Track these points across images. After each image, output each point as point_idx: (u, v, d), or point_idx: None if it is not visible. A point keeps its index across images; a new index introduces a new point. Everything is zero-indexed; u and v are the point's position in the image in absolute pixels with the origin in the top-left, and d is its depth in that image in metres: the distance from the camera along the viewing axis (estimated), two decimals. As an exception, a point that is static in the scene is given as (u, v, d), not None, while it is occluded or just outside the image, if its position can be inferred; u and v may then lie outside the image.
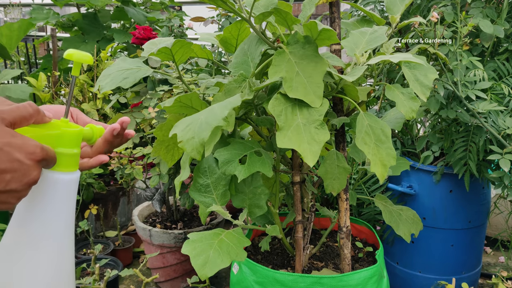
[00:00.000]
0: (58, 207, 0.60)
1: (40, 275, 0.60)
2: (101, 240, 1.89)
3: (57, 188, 0.60)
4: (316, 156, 0.81)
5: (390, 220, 1.19)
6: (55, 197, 0.60)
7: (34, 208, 0.59)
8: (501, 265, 1.96)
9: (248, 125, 1.19)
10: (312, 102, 0.85)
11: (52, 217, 0.60)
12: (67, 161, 0.60)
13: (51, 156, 0.56)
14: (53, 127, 0.59)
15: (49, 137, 0.58)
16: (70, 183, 0.61)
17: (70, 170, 0.61)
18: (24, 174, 0.53)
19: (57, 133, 0.59)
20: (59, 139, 0.59)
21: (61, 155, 0.59)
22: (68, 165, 0.60)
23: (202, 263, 0.85)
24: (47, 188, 0.59)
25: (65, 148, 0.59)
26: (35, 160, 0.53)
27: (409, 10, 1.54)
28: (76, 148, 0.61)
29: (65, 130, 0.60)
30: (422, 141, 1.52)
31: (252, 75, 0.98)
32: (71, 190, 0.62)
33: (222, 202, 1.02)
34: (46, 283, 0.60)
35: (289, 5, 1.00)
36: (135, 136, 1.62)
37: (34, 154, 0.53)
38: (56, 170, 0.59)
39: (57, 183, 0.60)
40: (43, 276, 0.60)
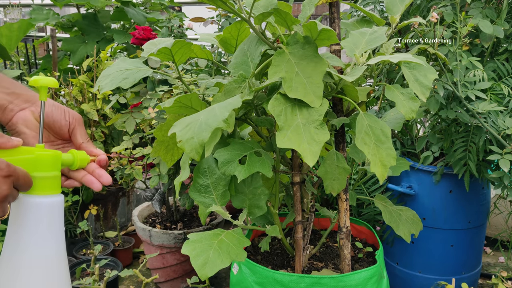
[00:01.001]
0: (42, 232, 0.59)
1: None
2: (101, 241, 1.89)
3: (38, 213, 0.58)
4: (316, 156, 0.81)
5: (390, 220, 1.19)
6: (38, 221, 0.58)
7: (19, 233, 0.58)
8: (501, 265, 1.96)
9: (248, 126, 1.19)
10: (312, 102, 0.85)
11: (37, 243, 0.58)
12: (45, 184, 0.59)
13: (21, 175, 0.55)
14: (27, 152, 0.58)
15: (23, 161, 0.57)
16: (51, 206, 0.60)
17: (50, 193, 0.60)
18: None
19: (31, 157, 0.58)
20: (34, 163, 0.58)
21: (38, 179, 0.58)
22: (47, 188, 0.59)
23: (202, 263, 0.85)
24: (28, 212, 0.58)
25: (42, 172, 0.59)
26: (1, 176, 0.52)
27: (408, 10, 1.54)
28: (55, 171, 0.60)
29: (40, 154, 0.59)
30: (421, 141, 1.52)
31: (252, 76, 0.98)
32: (54, 214, 0.60)
33: (222, 203, 1.02)
34: None
35: (288, 5, 1.00)
36: (134, 136, 1.62)
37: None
38: (35, 194, 0.58)
39: (38, 207, 0.58)
40: None
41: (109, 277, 1.32)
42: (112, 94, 1.75)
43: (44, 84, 0.62)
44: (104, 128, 2.00)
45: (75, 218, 1.92)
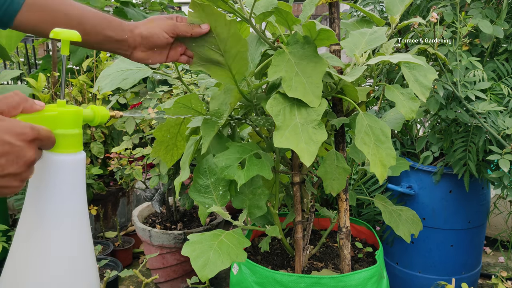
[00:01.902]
0: (65, 189, 0.60)
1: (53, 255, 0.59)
2: (100, 241, 1.89)
3: (61, 170, 0.59)
4: (313, 156, 0.81)
5: (390, 220, 1.19)
6: (61, 178, 0.59)
7: (42, 190, 0.59)
8: (501, 265, 1.96)
9: (247, 126, 1.19)
10: (311, 102, 0.85)
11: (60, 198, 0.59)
12: (68, 141, 0.59)
13: (45, 135, 0.55)
14: (48, 109, 0.58)
15: (46, 119, 0.58)
16: (74, 164, 0.60)
17: (73, 150, 0.60)
18: (18, 156, 0.52)
19: (53, 114, 0.58)
20: (56, 120, 0.58)
21: (61, 136, 0.58)
22: (70, 146, 0.59)
23: (202, 264, 0.85)
24: (52, 170, 0.59)
25: (65, 129, 0.59)
26: (26, 141, 0.53)
27: (408, 10, 1.54)
28: (77, 128, 0.60)
29: (62, 111, 0.59)
30: (421, 141, 1.52)
31: (252, 74, 0.98)
32: (77, 171, 0.61)
33: (222, 203, 1.02)
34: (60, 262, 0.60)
35: (289, 5, 1.00)
36: (134, 136, 1.62)
37: (24, 134, 0.52)
38: (57, 151, 0.59)
39: (61, 164, 0.59)
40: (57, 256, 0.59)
41: (109, 277, 1.32)
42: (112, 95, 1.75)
43: (66, 37, 0.61)
44: (104, 128, 2.00)
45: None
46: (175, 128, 1.12)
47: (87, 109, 0.65)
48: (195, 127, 1.02)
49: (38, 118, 0.57)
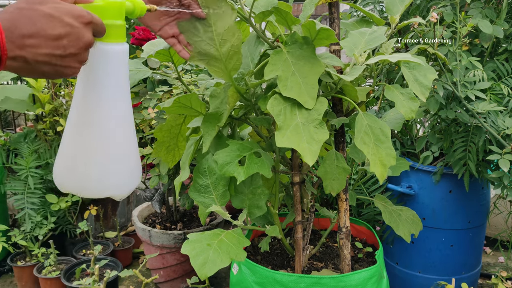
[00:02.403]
0: (113, 76, 0.65)
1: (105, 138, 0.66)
2: (100, 241, 1.89)
3: (109, 58, 0.64)
4: (315, 155, 0.81)
5: (390, 220, 1.19)
6: (109, 66, 0.64)
7: (92, 78, 0.64)
8: (501, 265, 1.96)
9: (247, 126, 1.19)
10: (305, 103, 0.85)
11: (109, 84, 0.65)
12: (115, 32, 0.64)
13: (98, 21, 0.59)
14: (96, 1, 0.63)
15: (94, 8, 0.62)
16: (120, 53, 0.65)
17: (119, 41, 0.65)
18: (78, 37, 0.56)
19: (101, 5, 0.62)
20: (104, 11, 0.62)
21: (109, 27, 0.62)
22: (116, 36, 0.64)
23: (201, 263, 0.85)
24: (101, 58, 0.64)
25: (111, 19, 0.63)
26: (84, 23, 0.56)
27: (408, 10, 1.55)
28: (121, 20, 0.65)
29: (108, 2, 0.63)
30: (421, 141, 1.52)
31: (251, 74, 0.98)
32: (123, 60, 0.66)
33: (221, 203, 1.02)
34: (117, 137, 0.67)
35: (289, 5, 1.00)
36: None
37: (82, 17, 0.56)
38: (106, 41, 0.63)
39: (109, 53, 0.64)
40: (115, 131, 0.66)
41: (109, 277, 1.32)
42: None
43: None
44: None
45: (75, 219, 1.92)
46: (176, 128, 1.12)
47: (127, 1, 0.68)
48: (195, 127, 1.02)
49: (87, 7, 0.61)
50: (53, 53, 0.54)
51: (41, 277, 1.63)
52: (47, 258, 1.74)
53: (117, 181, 0.68)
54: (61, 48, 0.54)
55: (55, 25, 0.53)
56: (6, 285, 1.83)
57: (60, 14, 0.54)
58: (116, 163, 0.67)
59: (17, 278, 1.74)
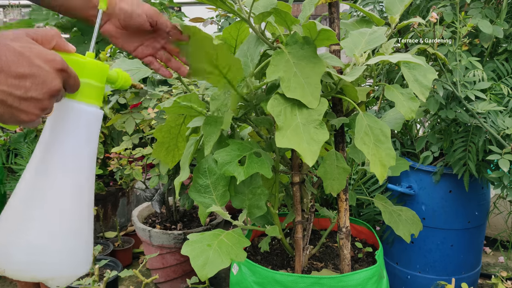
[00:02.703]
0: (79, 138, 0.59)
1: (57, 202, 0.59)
2: (100, 241, 1.89)
3: (79, 118, 0.59)
4: (315, 155, 0.81)
5: (390, 220, 1.19)
6: (77, 127, 0.59)
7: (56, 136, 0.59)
8: (501, 265, 1.96)
9: (247, 126, 1.19)
10: (309, 103, 0.85)
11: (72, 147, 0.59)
12: (91, 92, 0.59)
13: (72, 73, 0.55)
14: (78, 55, 0.59)
15: (74, 63, 0.57)
16: (93, 116, 0.60)
17: (94, 103, 0.60)
18: (44, 81, 0.51)
19: (82, 61, 0.58)
20: (84, 68, 0.58)
21: (86, 85, 0.58)
22: (92, 97, 0.59)
23: (202, 264, 0.85)
24: (70, 116, 0.59)
25: (90, 79, 0.58)
26: (55, 68, 0.52)
27: (408, 10, 1.55)
28: (101, 83, 0.60)
29: (92, 61, 0.59)
30: (421, 141, 1.52)
31: (251, 75, 0.98)
32: (93, 125, 0.61)
33: (221, 203, 1.02)
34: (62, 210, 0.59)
35: (288, 5, 1.00)
36: (134, 137, 1.62)
37: (54, 61, 0.52)
38: (79, 99, 0.58)
39: (80, 113, 0.59)
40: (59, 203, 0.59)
41: (108, 277, 1.32)
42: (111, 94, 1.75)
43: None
44: (103, 128, 2.00)
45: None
46: (175, 128, 1.12)
47: (112, 70, 0.65)
48: (195, 127, 1.02)
49: (67, 59, 0.57)
50: (11, 92, 0.49)
51: (41, 277, 1.62)
52: (47, 258, 1.73)
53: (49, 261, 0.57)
54: (22, 88, 0.50)
55: (21, 63, 0.49)
56: (6, 285, 1.83)
57: (30, 54, 0.50)
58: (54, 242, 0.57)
59: (17, 278, 1.74)
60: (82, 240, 0.61)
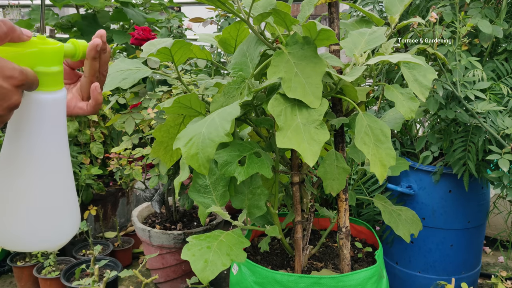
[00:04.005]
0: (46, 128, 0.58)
1: (32, 198, 0.58)
2: (100, 241, 1.89)
3: (42, 109, 0.57)
4: (316, 156, 0.81)
5: (390, 220, 1.19)
6: (42, 118, 0.57)
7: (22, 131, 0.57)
8: (501, 265, 1.96)
9: (247, 126, 1.19)
10: (311, 103, 0.85)
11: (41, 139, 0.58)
12: (49, 80, 0.57)
13: (31, 79, 0.53)
14: (29, 45, 0.56)
15: (27, 56, 0.55)
16: (55, 102, 0.58)
17: (54, 89, 0.58)
18: (3, 98, 0.50)
19: (34, 51, 0.55)
20: (37, 57, 0.56)
21: (42, 74, 0.56)
22: (51, 84, 0.57)
23: (202, 267, 0.85)
24: (32, 109, 0.57)
25: (45, 66, 0.56)
26: (14, 85, 0.51)
27: (408, 10, 1.55)
28: (58, 66, 0.58)
29: (43, 47, 0.56)
30: (421, 141, 1.52)
31: (251, 76, 0.98)
32: (58, 109, 0.59)
33: (221, 203, 1.02)
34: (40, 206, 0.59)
35: (287, 5, 1.00)
36: (134, 137, 1.62)
37: (13, 78, 0.51)
38: (39, 90, 0.56)
39: (42, 103, 0.57)
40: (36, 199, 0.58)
41: (108, 277, 1.32)
42: (111, 95, 1.75)
43: None
44: (103, 128, 1.99)
45: (75, 219, 1.91)
46: (174, 128, 1.12)
47: (68, 44, 0.62)
48: (194, 127, 1.02)
49: (19, 55, 0.55)
50: None
51: (40, 277, 1.62)
52: (46, 258, 1.74)
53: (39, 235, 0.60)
54: None
55: None
56: (6, 285, 1.83)
57: None
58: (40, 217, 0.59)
59: (16, 278, 1.74)
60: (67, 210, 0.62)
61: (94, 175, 1.92)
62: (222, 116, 0.82)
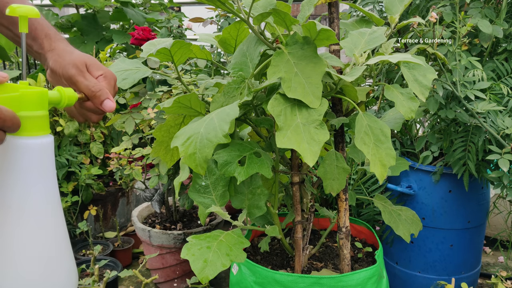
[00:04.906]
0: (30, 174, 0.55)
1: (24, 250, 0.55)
2: (100, 241, 1.89)
3: (26, 154, 0.55)
4: (316, 156, 0.81)
5: (390, 220, 1.19)
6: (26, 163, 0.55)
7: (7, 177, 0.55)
8: (500, 265, 1.96)
9: (247, 126, 1.19)
10: (311, 103, 0.85)
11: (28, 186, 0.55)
12: (34, 124, 0.55)
13: (10, 120, 0.52)
14: (11, 89, 0.54)
15: (8, 100, 0.54)
16: (41, 147, 0.56)
17: (39, 133, 0.56)
18: None
19: (16, 95, 0.54)
20: (20, 101, 0.54)
21: (26, 119, 0.55)
22: (36, 129, 0.56)
23: (201, 267, 0.85)
24: (15, 154, 0.55)
25: (29, 111, 0.55)
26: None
27: (408, 10, 1.55)
28: (43, 110, 0.56)
29: (26, 92, 0.55)
30: (421, 141, 1.52)
31: (251, 76, 0.98)
32: (44, 155, 0.57)
33: (221, 203, 1.02)
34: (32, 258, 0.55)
35: (287, 5, 1.00)
36: (134, 137, 1.62)
37: None
38: (23, 135, 0.55)
39: (26, 148, 0.55)
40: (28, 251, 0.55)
41: (108, 277, 1.32)
42: (111, 95, 1.74)
43: (24, 14, 0.57)
44: (103, 128, 1.99)
45: (75, 219, 1.92)
46: (175, 128, 1.12)
47: (53, 91, 0.61)
48: (194, 127, 1.02)
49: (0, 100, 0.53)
50: None
51: (40, 278, 1.62)
52: (46, 258, 1.73)
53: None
54: None
55: None
56: None
57: None
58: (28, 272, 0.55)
59: (16, 278, 1.74)
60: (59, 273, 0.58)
61: (94, 175, 1.92)
62: (221, 116, 0.82)
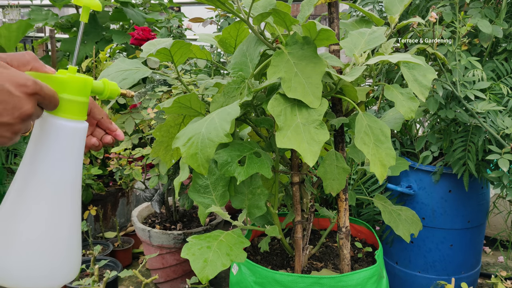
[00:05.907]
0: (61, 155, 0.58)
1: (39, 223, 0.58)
2: (100, 241, 1.89)
3: (60, 134, 0.58)
4: (315, 156, 0.81)
5: (390, 220, 1.19)
6: (58, 143, 0.58)
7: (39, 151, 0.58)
8: (500, 265, 1.96)
9: (247, 126, 1.19)
10: (311, 103, 0.85)
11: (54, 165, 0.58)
12: (72, 108, 0.58)
13: (47, 93, 0.54)
14: (59, 73, 0.58)
15: (53, 80, 0.57)
16: (74, 131, 0.59)
17: (75, 118, 0.59)
18: (15, 106, 0.51)
19: (62, 77, 0.57)
20: (64, 84, 0.57)
21: (66, 101, 0.57)
22: (73, 112, 0.58)
23: (201, 266, 0.85)
24: (51, 133, 0.58)
25: (71, 94, 0.58)
26: (26, 93, 0.51)
27: (407, 10, 1.55)
28: (83, 97, 0.59)
29: (71, 76, 0.58)
30: (421, 141, 1.52)
31: (251, 76, 0.98)
32: (76, 139, 0.60)
33: (221, 203, 1.02)
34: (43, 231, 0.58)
35: (287, 5, 1.00)
36: (134, 137, 1.62)
37: (25, 86, 0.51)
38: (60, 115, 0.57)
39: (60, 129, 0.58)
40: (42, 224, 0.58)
41: (108, 277, 1.32)
42: (111, 95, 1.74)
43: (87, 4, 0.61)
44: (103, 128, 1.99)
45: (75, 219, 1.91)
46: (174, 128, 1.12)
47: (98, 81, 0.63)
48: (194, 127, 1.02)
49: (46, 78, 0.56)
50: None
51: (40, 278, 1.62)
52: (46, 258, 1.73)
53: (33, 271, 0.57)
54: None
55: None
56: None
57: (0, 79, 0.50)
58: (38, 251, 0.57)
59: (16, 278, 1.74)
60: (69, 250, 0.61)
61: (94, 175, 1.92)
62: (222, 116, 0.82)
